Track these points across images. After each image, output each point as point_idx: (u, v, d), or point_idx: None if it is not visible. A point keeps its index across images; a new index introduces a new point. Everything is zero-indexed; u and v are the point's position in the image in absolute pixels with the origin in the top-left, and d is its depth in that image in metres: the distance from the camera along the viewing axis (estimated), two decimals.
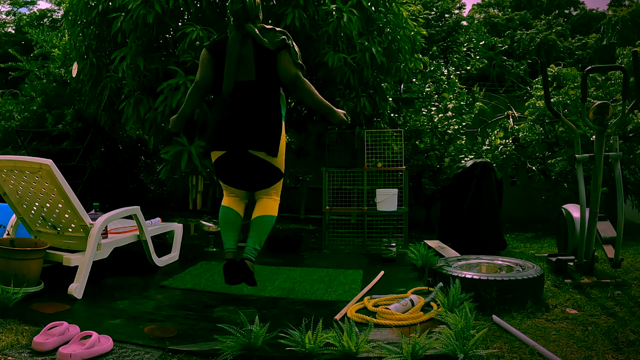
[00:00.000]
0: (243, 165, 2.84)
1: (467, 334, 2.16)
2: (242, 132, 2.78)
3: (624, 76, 3.18)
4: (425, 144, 5.92)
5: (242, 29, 2.79)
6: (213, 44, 2.91)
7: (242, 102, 2.81)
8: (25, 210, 3.20)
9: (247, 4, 2.78)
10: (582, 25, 17.22)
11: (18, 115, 7.01)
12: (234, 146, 2.81)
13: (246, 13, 2.78)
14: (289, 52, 2.79)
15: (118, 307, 2.77)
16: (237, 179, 2.92)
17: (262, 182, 2.89)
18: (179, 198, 7.62)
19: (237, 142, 2.79)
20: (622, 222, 3.24)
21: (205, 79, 2.92)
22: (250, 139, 2.78)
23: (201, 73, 2.92)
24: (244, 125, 2.79)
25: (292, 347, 2.12)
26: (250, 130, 2.78)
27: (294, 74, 2.80)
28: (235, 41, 2.79)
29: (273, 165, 2.85)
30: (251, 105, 2.80)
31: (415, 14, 5.55)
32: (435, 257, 3.69)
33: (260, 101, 2.82)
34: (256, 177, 2.88)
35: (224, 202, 2.97)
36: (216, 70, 2.88)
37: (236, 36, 2.79)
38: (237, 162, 2.85)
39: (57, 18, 12.28)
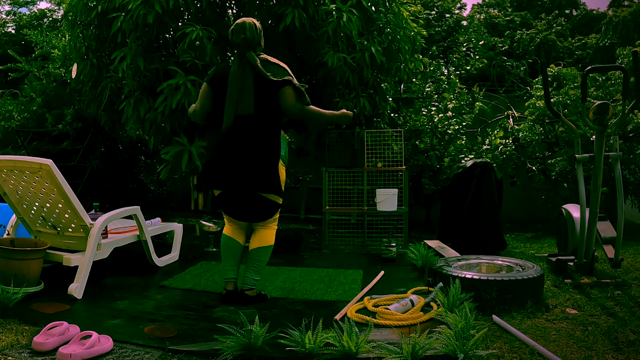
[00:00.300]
0: (245, 201, 2.93)
1: (467, 334, 2.16)
2: (244, 173, 2.84)
3: (624, 76, 3.18)
4: (425, 144, 5.92)
5: (244, 58, 2.82)
6: (213, 77, 2.93)
7: (242, 138, 2.83)
8: (25, 210, 3.20)
9: (248, 35, 2.82)
10: (583, 26, 17.22)
11: (18, 115, 7.01)
12: (236, 186, 2.88)
13: (247, 43, 2.83)
14: (292, 88, 2.81)
15: (118, 307, 2.77)
16: (238, 213, 3.00)
17: (262, 216, 2.99)
18: (179, 198, 7.62)
19: (240, 182, 2.86)
20: (622, 222, 3.24)
21: (204, 110, 2.95)
22: (253, 181, 2.85)
23: (201, 104, 2.95)
24: (244, 166, 2.83)
25: (292, 347, 2.12)
26: (252, 172, 2.83)
27: (298, 107, 2.83)
28: (237, 73, 2.81)
29: (272, 200, 2.94)
30: (250, 142, 2.83)
31: (416, 14, 5.54)
32: (435, 257, 3.69)
33: (259, 137, 2.84)
34: (256, 212, 2.97)
35: (226, 231, 3.07)
36: (215, 103, 2.90)
37: (239, 67, 2.82)
38: (239, 200, 2.94)
39: (57, 18, 12.28)
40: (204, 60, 4.26)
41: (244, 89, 2.80)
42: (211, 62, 4.32)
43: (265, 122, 2.84)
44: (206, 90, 2.93)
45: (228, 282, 2.98)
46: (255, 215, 2.99)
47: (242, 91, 2.80)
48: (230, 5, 5.08)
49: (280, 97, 2.81)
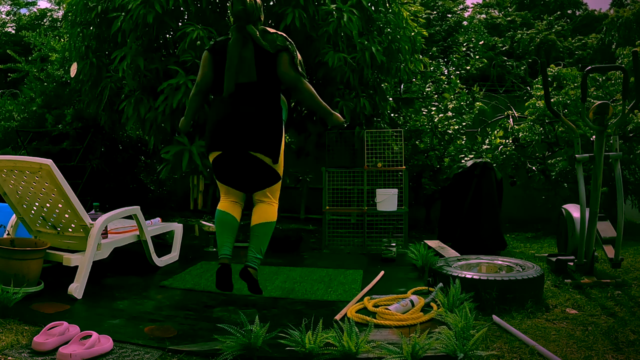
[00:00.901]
0: (241, 165, 2.82)
1: (467, 334, 2.16)
2: (242, 133, 2.78)
3: (624, 76, 3.18)
4: (425, 144, 5.92)
5: (243, 31, 2.79)
6: (214, 46, 2.91)
7: (242, 103, 2.80)
8: (25, 210, 3.20)
9: (248, 6, 2.78)
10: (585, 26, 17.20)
11: (18, 115, 7.01)
12: (233, 146, 2.80)
13: (247, 15, 2.78)
14: (288, 54, 2.79)
15: (118, 307, 2.77)
16: (235, 179, 2.89)
17: (260, 183, 2.87)
18: (179, 198, 7.62)
19: (237, 142, 2.78)
20: (622, 222, 3.24)
21: (206, 79, 2.92)
22: (250, 140, 2.78)
23: (202, 74, 2.92)
24: (243, 126, 2.79)
25: (292, 347, 2.12)
26: (250, 131, 2.78)
27: (294, 76, 2.80)
28: (236, 43, 2.79)
29: (271, 167, 2.85)
30: (251, 107, 2.80)
31: (416, 14, 5.55)
32: (435, 257, 3.69)
33: (260, 103, 2.81)
34: (254, 178, 2.86)
35: (221, 206, 2.93)
36: (217, 72, 2.88)
37: (237, 38, 2.79)
38: (235, 162, 2.83)
39: (57, 18, 12.28)
40: None
41: (244, 57, 2.78)
42: None
43: (266, 89, 2.82)
44: (207, 58, 2.91)
45: (222, 257, 2.82)
46: (253, 183, 2.87)
47: (242, 59, 2.78)
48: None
49: (277, 63, 2.79)
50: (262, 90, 2.82)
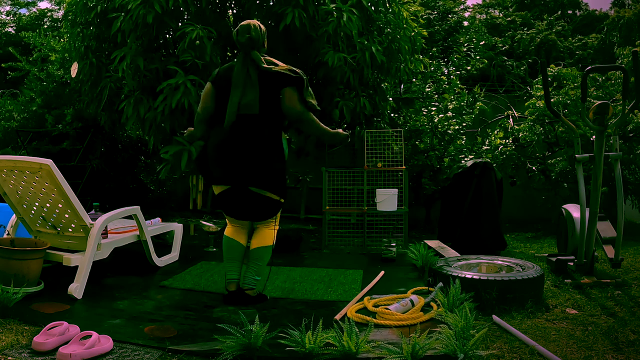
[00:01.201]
0: (246, 200, 2.92)
1: (467, 334, 2.16)
2: (246, 169, 2.83)
3: (624, 76, 3.18)
4: (425, 144, 5.92)
5: (247, 57, 2.84)
6: (217, 77, 2.94)
7: (244, 136, 2.83)
8: (25, 210, 3.20)
9: (253, 34, 2.85)
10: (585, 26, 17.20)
11: (18, 115, 7.01)
12: (238, 182, 2.88)
13: (252, 43, 2.85)
14: (294, 89, 2.81)
15: (118, 307, 2.77)
16: (239, 212, 3.00)
17: (264, 215, 2.99)
18: (179, 198, 7.62)
19: (241, 178, 2.85)
20: (622, 222, 3.24)
21: (207, 111, 2.94)
22: (255, 177, 2.85)
23: (203, 105, 2.95)
24: (247, 162, 2.83)
25: (292, 347, 2.12)
26: (254, 168, 2.83)
27: (300, 110, 2.83)
28: (241, 71, 2.83)
29: (274, 199, 2.93)
30: (253, 140, 2.83)
31: (416, 14, 5.54)
32: (435, 257, 3.69)
33: (262, 137, 2.84)
34: (258, 211, 2.97)
35: (228, 233, 3.06)
36: (218, 103, 2.90)
37: (242, 65, 2.83)
38: (240, 197, 2.92)
39: (57, 18, 12.28)
40: (204, 60, 4.26)
41: (248, 87, 2.81)
42: (211, 61, 4.32)
43: (268, 122, 2.84)
44: (210, 90, 2.93)
45: (230, 282, 2.98)
46: (255, 214, 2.99)
47: (246, 90, 2.81)
48: (230, 5, 5.08)
49: (281, 98, 2.81)
50: (263, 123, 2.83)
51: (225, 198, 2.97)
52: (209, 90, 2.93)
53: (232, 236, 3.03)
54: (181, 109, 4.29)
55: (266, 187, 2.87)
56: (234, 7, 5.12)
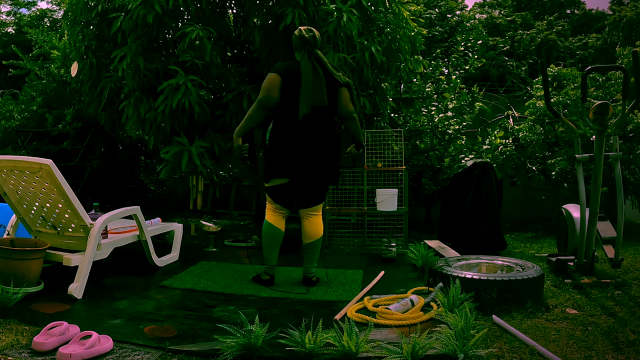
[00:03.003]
0: (305, 190, 3.19)
1: (467, 334, 2.16)
2: (316, 162, 3.10)
3: (624, 76, 3.18)
4: (425, 144, 5.92)
5: (313, 54, 3.06)
6: (283, 69, 3.08)
7: (316, 127, 3.07)
8: (25, 210, 3.20)
9: (317, 35, 3.11)
10: (583, 25, 17.21)
11: (18, 115, 7.01)
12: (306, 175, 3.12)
13: (315, 41, 3.09)
14: (349, 90, 3.12)
15: (118, 307, 2.77)
16: (292, 201, 3.23)
17: (317, 200, 3.25)
18: (179, 198, 7.62)
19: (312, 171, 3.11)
20: (622, 222, 3.24)
21: (271, 100, 3.07)
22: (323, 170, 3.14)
23: (268, 95, 3.06)
24: (316, 154, 3.09)
25: (292, 347, 2.12)
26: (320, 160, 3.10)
27: (352, 110, 3.14)
28: (308, 67, 3.03)
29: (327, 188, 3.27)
30: (323, 131, 3.10)
31: (417, 14, 5.54)
32: (435, 257, 3.69)
33: (329, 128, 3.13)
34: (312, 200, 3.24)
35: (270, 219, 3.24)
36: (285, 95, 3.05)
37: (308, 62, 3.05)
38: (300, 188, 3.17)
39: (57, 18, 12.28)
40: (203, 60, 4.26)
41: (317, 82, 3.02)
42: (211, 61, 4.32)
43: (332, 115, 3.13)
44: (277, 81, 3.05)
45: (272, 267, 3.24)
46: (311, 202, 3.22)
47: (315, 84, 3.01)
48: (230, 5, 5.08)
49: (338, 96, 3.08)
50: (330, 115, 3.12)
51: (286, 190, 3.17)
52: (277, 81, 3.05)
53: (275, 224, 3.21)
54: (182, 109, 4.29)
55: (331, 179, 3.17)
56: (233, 7, 5.12)
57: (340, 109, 3.13)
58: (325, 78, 3.06)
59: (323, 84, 3.04)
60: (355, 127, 3.21)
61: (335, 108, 3.13)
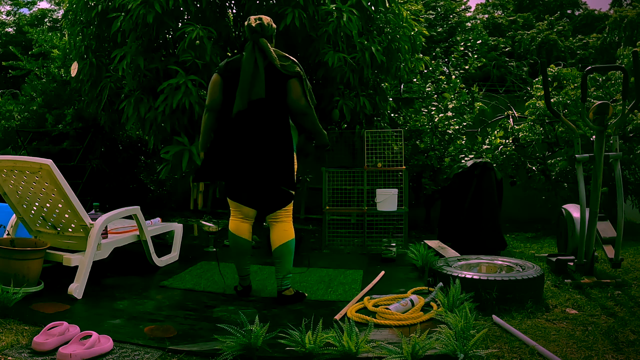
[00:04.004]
0: (256, 193, 2.95)
1: (467, 334, 2.16)
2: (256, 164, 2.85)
3: (624, 76, 3.18)
4: (425, 144, 5.92)
5: (256, 45, 2.85)
6: (225, 67, 2.93)
7: (253, 124, 2.84)
8: (25, 210, 3.20)
9: (264, 23, 2.88)
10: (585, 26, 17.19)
11: (18, 115, 7.01)
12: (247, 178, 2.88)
13: (262, 30, 2.87)
14: (299, 81, 2.85)
15: (118, 307, 2.77)
16: (248, 200, 2.99)
17: (274, 206, 2.97)
18: (179, 198, 7.62)
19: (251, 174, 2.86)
20: (622, 222, 3.24)
21: (215, 102, 2.93)
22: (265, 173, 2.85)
23: (211, 97, 2.93)
24: (257, 155, 2.84)
25: (292, 347, 2.12)
26: (263, 163, 2.84)
27: (304, 104, 2.86)
28: (250, 57, 2.83)
29: (285, 190, 2.94)
30: (263, 129, 2.85)
31: (417, 13, 5.54)
32: (435, 257, 3.69)
33: (271, 124, 2.86)
34: (268, 202, 2.97)
35: (233, 228, 3.02)
36: (226, 94, 2.90)
37: (251, 54, 2.84)
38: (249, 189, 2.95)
39: (57, 18, 12.28)
40: (204, 60, 4.26)
41: (256, 75, 2.82)
42: (211, 61, 4.32)
43: (275, 109, 2.86)
44: (218, 81, 2.92)
45: (243, 277, 3.07)
46: (267, 206, 2.97)
47: (254, 77, 2.82)
48: (230, 5, 5.08)
49: (287, 89, 2.84)
50: (271, 109, 2.86)
51: (235, 187, 2.98)
52: (217, 81, 2.92)
53: (237, 232, 3.00)
54: (182, 109, 4.29)
55: (279, 181, 2.88)
56: (233, 7, 5.12)
57: (290, 104, 2.85)
58: (267, 69, 2.82)
59: (262, 77, 2.80)
60: (311, 124, 2.92)
61: (285, 102, 2.86)
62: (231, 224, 3.03)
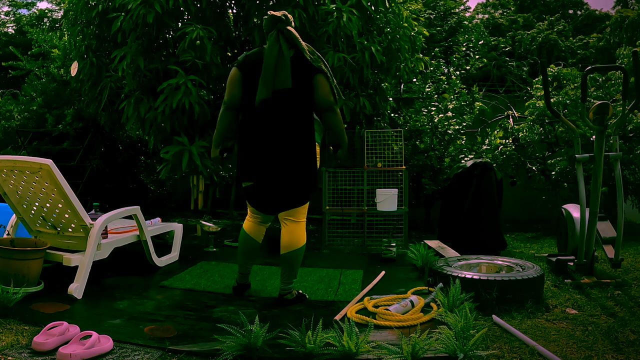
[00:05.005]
0: (278, 194, 2.83)
1: (467, 334, 2.16)
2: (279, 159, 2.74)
3: (624, 76, 3.18)
4: (425, 144, 5.92)
5: (282, 32, 2.71)
6: (244, 61, 2.80)
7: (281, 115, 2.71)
8: (25, 210, 3.20)
9: (289, 15, 2.77)
10: (585, 26, 17.20)
11: (18, 115, 7.01)
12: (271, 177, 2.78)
13: (287, 19, 2.75)
14: (326, 78, 2.73)
15: (118, 307, 2.77)
16: (268, 205, 2.91)
17: (293, 204, 2.86)
18: (179, 198, 7.62)
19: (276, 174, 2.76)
20: (622, 222, 3.24)
21: (235, 98, 2.79)
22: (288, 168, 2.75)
23: (230, 92, 2.79)
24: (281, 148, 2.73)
25: (292, 347, 2.12)
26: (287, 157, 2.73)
27: (332, 102, 2.74)
28: (274, 45, 2.69)
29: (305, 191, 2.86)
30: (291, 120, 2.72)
31: (417, 13, 5.54)
32: (435, 257, 3.69)
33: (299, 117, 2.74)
34: (286, 202, 2.85)
35: (246, 226, 2.98)
36: (246, 89, 2.76)
37: (275, 40, 2.70)
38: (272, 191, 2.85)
39: (57, 18, 12.28)
40: (204, 60, 4.26)
41: (281, 63, 2.67)
42: (211, 61, 4.32)
43: (301, 101, 2.73)
44: (236, 76, 2.77)
45: (242, 275, 3.06)
46: (285, 205, 2.85)
47: (278, 65, 2.67)
48: (230, 5, 5.09)
49: (314, 84, 2.71)
50: (297, 100, 2.72)
51: (257, 191, 2.88)
52: (236, 76, 2.77)
53: (250, 233, 2.96)
54: (182, 109, 4.30)
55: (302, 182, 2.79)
56: (233, 7, 5.13)
57: (318, 99, 2.71)
58: (295, 59, 2.69)
59: (288, 66, 2.65)
60: (336, 122, 2.77)
61: (310, 96, 2.72)
62: (246, 223, 2.98)
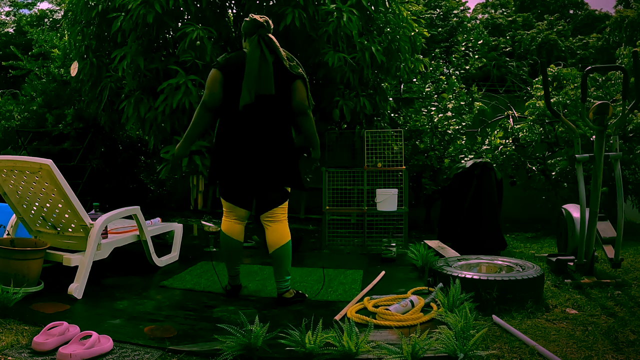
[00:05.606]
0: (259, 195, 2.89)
1: (467, 334, 2.16)
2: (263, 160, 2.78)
3: (624, 76, 3.18)
4: (425, 144, 5.92)
5: (263, 38, 2.76)
6: (225, 63, 2.81)
7: (263, 119, 2.77)
8: (25, 210, 3.20)
9: (270, 21, 2.84)
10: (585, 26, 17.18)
11: (18, 115, 7.01)
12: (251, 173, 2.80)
13: (268, 26, 2.81)
14: (304, 83, 2.81)
15: (118, 307, 2.77)
16: (246, 201, 2.94)
17: (272, 204, 2.92)
18: (179, 198, 7.62)
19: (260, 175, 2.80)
20: (622, 222, 3.24)
21: (215, 98, 2.79)
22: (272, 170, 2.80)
23: (210, 92, 2.78)
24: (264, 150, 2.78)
25: (292, 347, 2.12)
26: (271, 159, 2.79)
27: (306, 106, 2.82)
28: (256, 53, 2.73)
29: (285, 190, 2.91)
30: (272, 124, 2.78)
31: (417, 13, 5.54)
32: (435, 257, 3.69)
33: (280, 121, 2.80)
34: (265, 202, 2.91)
35: (225, 228, 2.97)
36: (227, 90, 2.78)
37: (257, 46, 2.75)
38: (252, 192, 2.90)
39: (58, 18, 12.28)
40: (204, 60, 4.26)
41: (264, 69, 2.72)
42: (211, 61, 4.32)
43: (282, 107, 2.81)
44: (217, 77, 2.78)
45: (232, 277, 3.05)
46: (265, 204, 2.90)
47: (261, 71, 2.72)
48: (230, 5, 5.09)
49: (293, 89, 2.79)
50: (279, 106, 2.79)
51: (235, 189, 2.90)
52: (217, 77, 2.78)
53: (230, 233, 2.95)
54: (182, 109, 4.29)
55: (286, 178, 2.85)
56: (233, 7, 5.13)
57: (295, 103, 2.78)
58: (275, 66, 2.75)
59: (271, 72, 2.72)
60: (310, 125, 2.85)
61: (289, 102, 2.79)
62: (224, 224, 2.98)
